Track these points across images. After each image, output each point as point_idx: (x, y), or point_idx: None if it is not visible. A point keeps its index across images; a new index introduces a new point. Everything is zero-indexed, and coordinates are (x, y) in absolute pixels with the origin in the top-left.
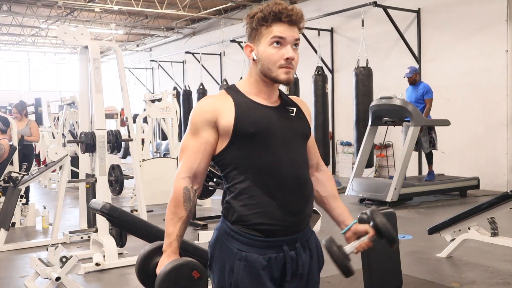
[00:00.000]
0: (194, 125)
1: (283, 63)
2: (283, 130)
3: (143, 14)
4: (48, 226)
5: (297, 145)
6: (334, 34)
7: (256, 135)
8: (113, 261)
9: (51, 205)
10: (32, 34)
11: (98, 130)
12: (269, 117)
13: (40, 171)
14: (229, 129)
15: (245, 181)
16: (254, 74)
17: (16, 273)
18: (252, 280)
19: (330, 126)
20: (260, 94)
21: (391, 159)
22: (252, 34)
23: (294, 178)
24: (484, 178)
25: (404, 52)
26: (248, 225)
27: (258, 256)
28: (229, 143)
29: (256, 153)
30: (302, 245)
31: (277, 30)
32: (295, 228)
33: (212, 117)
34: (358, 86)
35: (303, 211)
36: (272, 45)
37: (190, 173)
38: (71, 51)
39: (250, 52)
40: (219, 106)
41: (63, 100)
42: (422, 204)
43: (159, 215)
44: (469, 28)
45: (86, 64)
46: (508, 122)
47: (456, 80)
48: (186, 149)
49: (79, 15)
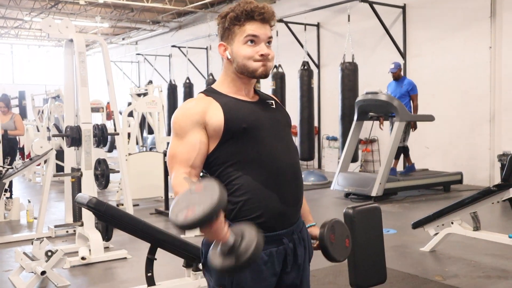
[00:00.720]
0: (181, 129)
1: (258, 58)
2: (271, 122)
3: (129, 7)
4: (33, 220)
5: (286, 135)
6: (321, 29)
7: (248, 129)
8: (99, 255)
9: (36, 199)
10: (16, 26)
11: (83, 124)
12: (256, 112)
13: (24, 165)
14: (220, 129)
15: (242, 176)
16: (230, 73)
17: (0, 267)
18: (254, 276)
19: (316, 121)
20: (239, 91)
21: (376, 153)
22: (225, 33)
23: (290, 166)
24: (467, 173)
25: (389, 47)
26: (248, 220)
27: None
28: (220, 142)
29: (250, 147)
30: (298, 236)
31: (250, 28)
32: (292, 219)
33: (201, 118)
34: (344, 81)
35: (299, 201)
36: (246, 43)
37: (187, 170)
38: (55, 44)
39: (224, 51)
40: (205, 107)
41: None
42: (407, 199)
43: (145, 209)
44: (454, 24)
45: (71, 57)
46: (491, 117)
47: (440, 75)
48: (176, 154)
49: (64, 7)
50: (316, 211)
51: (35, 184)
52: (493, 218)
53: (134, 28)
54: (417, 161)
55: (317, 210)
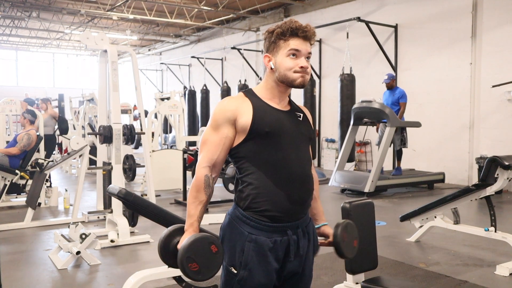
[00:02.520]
0: (215, 122)
1: (298, 69)
2: (292, 132)
3: (155, 23)
4: (69, 207)
5: (303, 146)
6: (322, 44)
7: (270, 134)
8: (125, 239)
9: (72, 188)
10: (57, 38)
11: (114, 124)
12: (281, 120)
13: (63, 159)
14: (247, 128)
15: (256, 172)
16: (271, 81)
17: (41, 246)
18: (260, 259)
19: (317, 125)
20: (274, 99)
21: (369, 154)
22: (270, 46)
23: (300, 173)
24: (449, 173)
25: (382, 61)
26: (258, 211)
27: (266, 239)
28: (245, 139)
29: (268, 150)
30: (302, 230)
31: (293, 43)
32: (298, 216)
33: (233, 116)
34: (343, 90)
35: (305, 202)
36: (289, 56)
37: (210, 163)
38: (90, 53)
39: (269, 61)
40: (239, 106)
41: (83, 96)
42: (395, 195)
43: (165, 199)
44: (439, 43)
45: (105, 65)
46: (471, 125)
47: (427, 87)
48: (207, 142)
49: (99, 22)
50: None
51: (71, 175)
52: (471, 213)
53: (159, 40)
54: (406, 161)
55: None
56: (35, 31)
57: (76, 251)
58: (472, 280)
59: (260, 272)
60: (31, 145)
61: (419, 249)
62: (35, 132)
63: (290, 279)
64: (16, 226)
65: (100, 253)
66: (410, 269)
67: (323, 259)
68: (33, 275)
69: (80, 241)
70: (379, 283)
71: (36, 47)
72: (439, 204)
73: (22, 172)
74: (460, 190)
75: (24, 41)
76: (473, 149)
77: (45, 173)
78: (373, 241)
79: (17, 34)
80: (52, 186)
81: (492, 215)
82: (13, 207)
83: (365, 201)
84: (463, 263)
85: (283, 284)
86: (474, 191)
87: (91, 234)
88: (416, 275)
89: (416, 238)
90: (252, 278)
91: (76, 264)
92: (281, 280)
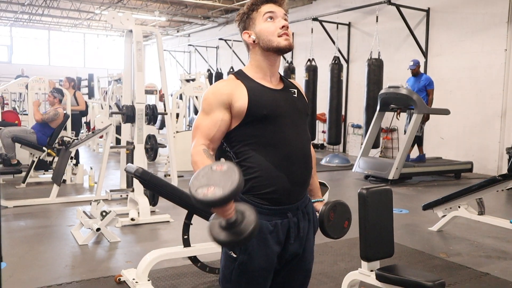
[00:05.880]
0: (209, 106)
1: (280, 31)
2: (289, 111)
3: (183, 4)
4: (94, 184)
5: (301, 124)
6: (351, 28)
7: (267, 116)
8: (146, 218)
9: (97, 167)
10: (88, 18)
11: (137, 104)
12: (278, 100)
13: (88, 137)
14: (243, 111)
15: (255, 156)
16: (258, 56)
17: (65, 222)
18: (260, 243)
19: (343, 110)
20: (266, 77)
21: (396, 141)
22: (246, 23)
23: (300, 152)
24: (477, 163)
25: (412, 47)
26: (258, 194)
27: (266, 222)
28: (241, 123)
29: (267, 132)
30: (302, 212)
31: (266, 8)
32: (298, 197)
33: (228, 99)
34: (370, 76)
35: (306, 181)
36: (266, 20)
37: (206, 142)
38: (120, 34)
39: (249, 36)
40: (233, 90)
41: (110, 76)
42: (420, 183)
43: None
44: (473, 28)
45: (130, 46)
46: (503, 114)
47: (458, 74)
48: (200, 126)
49: (128, 2)
50: (338, 189)
51: (98, 154)
52: (497, 204)
53: (187, 22)
54: (432, 150)
55: (339, 189)
56: (67, 11)
57: (96, 227)
58: (494, 273)
59: (260, 256)
60: (56, 122)
61: (441, 239)
62: (63, 110)
63: (291, 261)
64: (42, 201)
65: (120, 231)
66: (429, 259)
67: (341, 245)
68: (55, 249)
69: (101, 218)
70: (394, 271)
71: (68, 27)
72: (463, 193)
73: (49, 149)
74: (486, 180)
75: (56, 21)
76: (504, 139)
77: (70, 151)
78: (390, 228)
79: (49, 14)
80: (78, 164)
81: None
82: (41, 183)
83: (383, 188)
84: (486, 255)
85: (284, 266)
86: (500, 181)
87: (111, 212)
88: (435, 265)
89: (438, 227)
90: (252, 262)
91: (96, 240)
92: (282, 263)
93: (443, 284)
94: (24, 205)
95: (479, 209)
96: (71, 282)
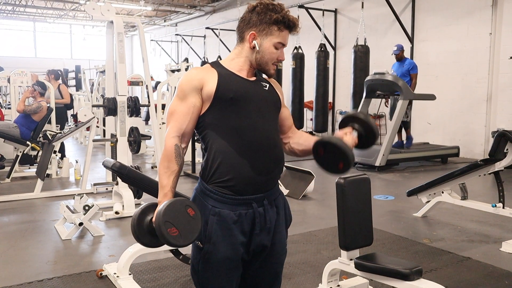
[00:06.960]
0: (182, 92)
1: (276, 62)
2: (257, 99)
3: None
4: (80, 178)
5: (269, 114)
6: (338, 14)
7: (234, 100)
8: (130, 211)
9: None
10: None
11: (119, 96)
12: (246, 87)
13: (70, 131)
14: (211, 94)
15: (219, 140)
16: (242, 55)
17: (49, 217)
18: (224, 232)
19: (331, 97)
20: (241, 71)
21: (383, 128)
22: (260, 25)
23: (265, 140)
24: (464, 147)
25: (399, 32)
26: (221, 182)
27: (230, 212)
28: (210, 107)
29: (232, 116)
30: (269, 203)
31: (284, 37)
32: (263, 187)
33: (199, 84)
34: (356, 62)
35: (271, 172)
36: (275, 46)
37: (179, 133)
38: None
39: (253, 39)
40: (205, 75)
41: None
42: (407, 169)
43: None
44: (458, 12)
45: (112, 37)
46: (488, 98)
47: (444, 59)
48: (174, 112)
49: None
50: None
51: (85, 147)
52: (481, 189)
53: (174, 11)
54: (419, 135)
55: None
56: (51, 1)
57: (79, 222)
58: (476, 256)
59: (224, 245)
60: (39, 115)
61: (425, 224)
62: (46, 104)
63: (260, 253)
64: (26, 196)
65: (105, 225)
66: (412, 245)
67: (325, 234)
68: (37, 245)
69: (84, 213)
70: (372, 259)
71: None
72: (446, 179)
73: (33, 143)
74: (468, 165)
75: (41, 12)
76: (490, 122)
77: (53, 144)
78: (368, 217)
79: (33, 5)
80: (65, 157)
81: (501, 191)
82: (26, 177)
83: (361, 177)
84: (469, 239)
85: (253, 258)
86: (482, 166)
87: (94, 206)
88: (418, 251)
89: (422, 213)
90: (217, 251)
91: (80, 235)
92: (250, 254)
93: (420, 271)
94: (8, 201)
95: (462, 194)
96: (52, 278)
